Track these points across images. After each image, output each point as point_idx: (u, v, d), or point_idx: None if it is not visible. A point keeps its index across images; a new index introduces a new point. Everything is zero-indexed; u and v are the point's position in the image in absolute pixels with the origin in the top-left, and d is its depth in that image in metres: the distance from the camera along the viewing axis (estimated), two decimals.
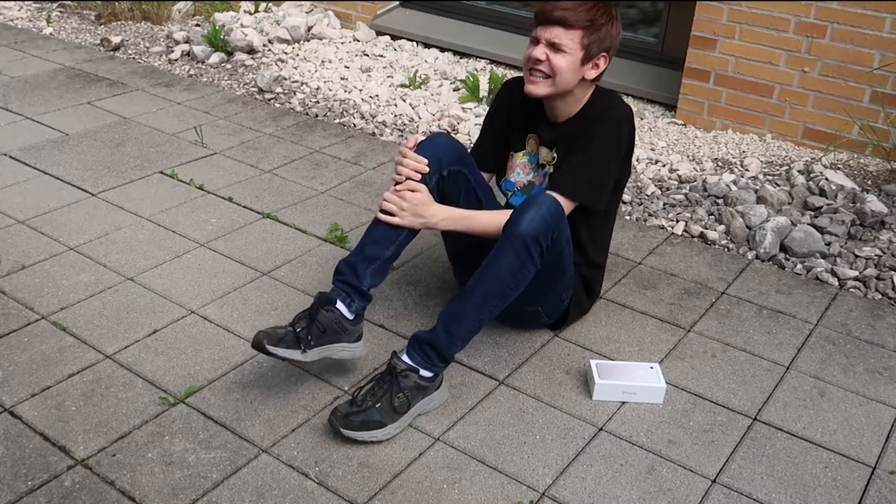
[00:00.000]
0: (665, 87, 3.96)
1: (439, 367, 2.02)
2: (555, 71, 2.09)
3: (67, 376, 2.14)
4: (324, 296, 2.05)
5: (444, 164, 2.17)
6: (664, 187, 3.24)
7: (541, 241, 1.97)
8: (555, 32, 2.07)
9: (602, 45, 2.11)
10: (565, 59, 2.08)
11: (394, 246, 2.13)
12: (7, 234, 2.77)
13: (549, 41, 2.08)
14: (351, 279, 2.09)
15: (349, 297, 2.07)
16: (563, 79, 2.10)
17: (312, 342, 1.98)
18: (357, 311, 2.09)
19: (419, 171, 2.13)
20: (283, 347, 1.94)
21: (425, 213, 2.10)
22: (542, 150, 2.28)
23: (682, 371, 2.25)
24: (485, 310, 2.00)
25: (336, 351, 2.04)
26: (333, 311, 2.04)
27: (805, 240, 2.79)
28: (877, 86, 3.32)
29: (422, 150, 2.16)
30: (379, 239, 2.12)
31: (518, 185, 2.35)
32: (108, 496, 1.79)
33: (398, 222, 2.10)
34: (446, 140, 2.20)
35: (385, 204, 2.11)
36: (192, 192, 3.10)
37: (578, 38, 2.07)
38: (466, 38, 4.58)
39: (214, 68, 4.39)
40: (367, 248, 2.12)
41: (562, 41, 2.06)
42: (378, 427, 1.94)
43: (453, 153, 2.19)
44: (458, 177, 2.21)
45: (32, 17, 5.17)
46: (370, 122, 3.78)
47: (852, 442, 2.02)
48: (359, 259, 2.11)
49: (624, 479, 1.89)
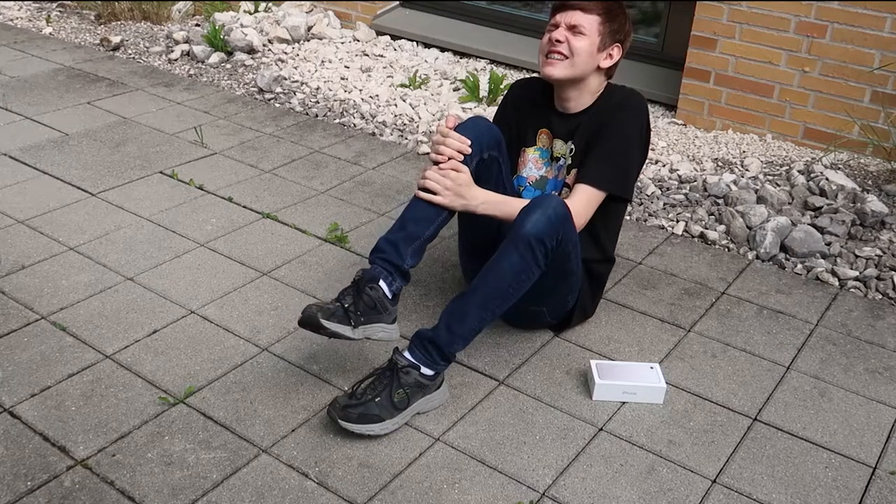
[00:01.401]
0: (665, 87, 3.96)
1: (440, 366, 2.01)
2: (574, 52, 2.13)
3: (67, 376, 2.14)
4: (367, 272, 2.02)
5: (484, 148, 2.16)
6: (664, 187, 3.24)
7: (546, 242, 1.97)
8: (574, 16, 2.13)
9: (616, 36, 2.18)
10: (584, 41, 2.13)
11: (434, 225, 2.10)
12: (7, 234, 2.77)
13: (568, 24, 2.13)
14: (393, 257, 2.05)
15: (391, 276, 2.05)
16: (581, 60, 2.14)
17: (362, 318, 1.96)
18: (396, 291, 2.06)
19: (462, 151, 2.11)
20: (336, 322, 1.93)
21: (467, 195, 2.08)
22: (556, 143, 2.29)
23: (682, 371, 2.25)
24: (487, 309, 1.99)
25: (376, 331, 2.01)
26: (377, 289, 2.01)
27: (805, 240, 2.79)
28: (877, 86, 3.32)
29: (463, 131, 2.14)
30: (420, 217, 2.09)
31: (530, 180, 2.35)
32: (107, 496, 1.79)
33: (440, 201, 2.07)
34: (487, 124, 2.20)
35: (428, 182, 2.08)
36: (192, 192, 3.10)
37: (597, 24, 2.13)
38: (466, 38, 4.58)
39: (214, 68, 4.39)
40: (409, 225, 2.08)
41: (581, 23, 2.13)
42: (376, 421, 1.93)
43: (493, 138, 2.19)
44: (494, 164, 2.20)
45: (32, 16, 5.17)
46: (370, 122, 3.78)
47: (852, 442, 2.02)
48: (400, 237, 2.07)
49: (624, 479, 1.89)
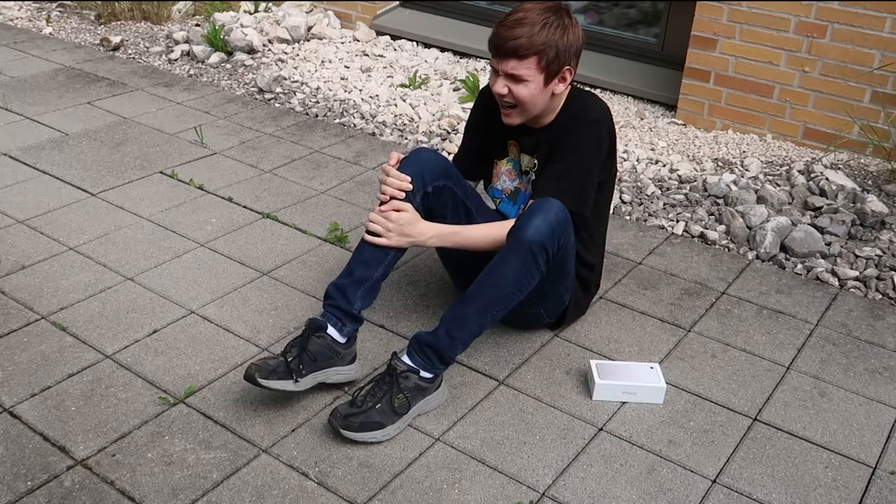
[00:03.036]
0: (665, 87, 3.96)
1: (440, 369, 2.02)
2: (519, 101, 2.07)
3: (67, 376, 2.14)
4: (314, 322, 2.04)
5: (427, 181, 2.14)
6: (664, 187, 3.24)
7: (548, 248, 1.97)
8: (510, 64, 2.03)
9: (562, 60, 2.04)
10: (527, 87, 2.05)
11: (383, 266, 2.11)
12: (7, 234, 2.77)
13: (506, 73, 2.05)
14: (341, 303, 2.07)
15: (340, 322, 2.06)
16: (530, 104, 2.09)
17: (304, 370, 1.98)
18: (349, 335, 2.08)
19: (403, 189, 2.10)
20: (275, 379, 1.94)
21: (412, 232, 2.09)
22: (523, 157, 2.27)
23: (682, 371, 2.25)
24: (487, 315, 1.99)
25: (330, 376, 2.04)
26: (325, 337, 2.03)
27: (805, 240, 2.79)
28: (877, 86, 3.32)
29: (405, 168, 2.13)
30: (367, 260, 2.10)
31: (505, 192, 2.34)
32: (107, 496, 1.79)
33: (385, 243, 2.09)
34: (429, 155, 2.18)
35: (371, 225, 2.10)
36: (191, 192, 3.10)
37: (535, 65, 2.02)
38: (466, 38, 4.58)
39: (214, 68, 4.39)
40: (356, 269, 2.10)
41: (519, 72, 2.02)
42: (378, 428, 1.94)
43: (437, 168, 2.17)
44: (444, 191, 2.19)
45: (32, 16, 5.17)
46: (370, 122, 3.77)
47: (852, 442, 2.02)
48: (348, 282, 2.09)
49: (624, 479, 1.89)
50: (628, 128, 3.76)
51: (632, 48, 4.17)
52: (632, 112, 3.91)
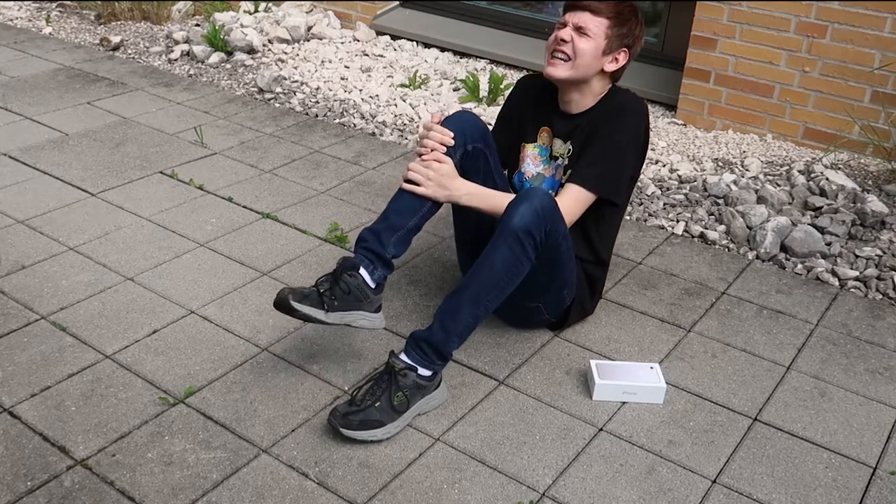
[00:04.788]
0: (665, 87, 3.96)
1: (438, 366, 2.01)
2: (577, 53, 2.13)
3: (67, 376, 2.14)
4: (347, 260, 2.05)
5: (468, 140, 2.19)
6: (664, 187, 3.24)
7: (534, 234, 1.97)
8: (583, 17, 2.13)
9: (624, 41, 2.17)
10: (589, 43, 2.13)
11: (417, 216, 2.13)
12: (7, 234, 2.77)
13: (575, 25, 2.13)
14: (375, 246, 2.09)
15: (372, 265, 2.07)
16: (583, 62, 2.14)
17: (336, 304, 1.98)
18: (379, 280, 2.09)
19: (445, 143, 2.15)
20: (308, 305, 1.95)
21: (450, 186, 2.12)
22: (555, 142, 2.30)
23: (682, 371, 2.25)
24: (480, 305, 1.99)
25: (357, 319, 2.03)
26: (356, 277, 2.03)
27: (805, 240, 2.79)
28: (877, 86, 3.32)
29: (447, 124, 2.19)
30: (403, 209, 2.12)
31: (527, 175, 2.36)
32: (107, 496, 1.79)
33: (423, 192, 2.11)
34: (472, 117, 2.23)
35: (411, 174, 2.12)
36: (191, 192, 3.10)
37: (604, 27, 2.13)
38: (466, 38, 4.58)
39: (214, 68, 4.39)
40: (392, 216, 2.12)
41: (588, 25, 2.13)
42: (377, 426, 1.94)
43: (478, 130, 2.22)
44: (480, 156, 2.23)
45: (32, 16, 5.17)
46: (370, 122, 3.77)
47: (853, 442, 2.02)
48: (383, 227, 2.11)
49: (624, 479, 1.89)
50: None
51: None
52: None
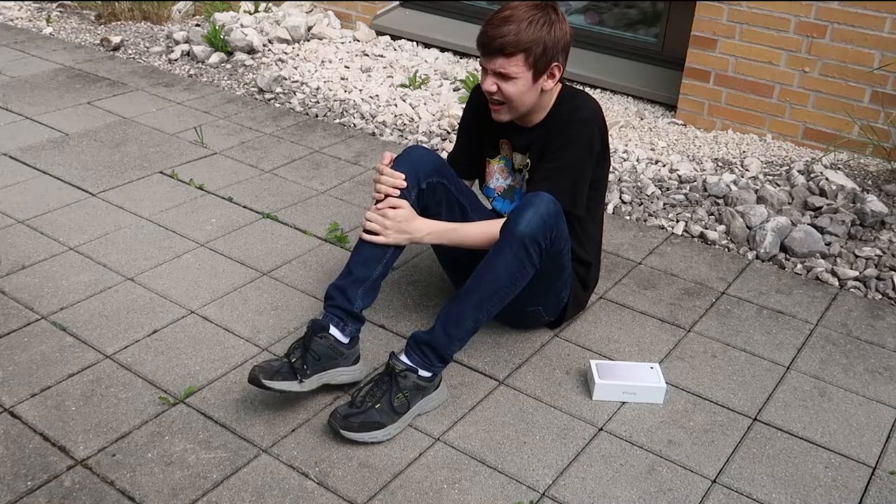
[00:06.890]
0: (665, 87, 3.96)
1: (438, 368, 2.02)
2: (508, 98, 2.08)
3: (67, 376, 2.14)
4: (316, 323, 2.04)
5: (421, 178, 2.15)
6: (664, 187, 3.24)
7: (540, 241, 1.97)
8: (498, 62, 2.03)
9: (550, 57, 2.05)
10: (515, 85, 2.05)
11: (381, 264, 2.12)
12: (7, 234, 2.77)
13: (494, 71, 2.06)
14: (342, 303, 2.07)
15: (342, 322, 2.06)
16: (519, 102, 2.09)
17: (308, 371, 1.97)
18: (351, 335, 2.08)
19: (397, 186, 2.11)
20: (280, 380, 1.93)
21: (409, 229, 2.10)
22: (515, 156, 2.27)
23: (682, 371, 2.25)
24: (483, 311, 1.99)
25: (335, 376, 2.04)
26: (327, 338, 2.03)
27: (805, 240, 2.79)
28: (877, 86, 3.32)
29: (398, 166, 2.14)
30: (366, 259, 2.11)
31: (498, 190, 2.34)
32: (107, 496, 1.79)
33: (383, 241, 2.09)
34: (422, 153, 2.19)
35: (368, 224, 2.11)
36: (192, 192, 3.10)
37: (522, 62, 2.03)
38: (466, 38, 4.58)
39: (214, 68, 4.39)
40: (356, 269, 2.10)
41: (507, 69, 2.03)
42: (378, 428, 1.94)
43: (430, 165, 2.18)
44: (438, 188, 2.19)
45: (32, 16, 5.17)
46: (370, 122, 3.78)
47: (852, 442, 2.02)
48: (347, 282, 2.09)
49: (624, 479, 1.89)
50: (628, 128, 3.76)
51: (632, 48, 4.17)
52: (632, 112, 3.91)
